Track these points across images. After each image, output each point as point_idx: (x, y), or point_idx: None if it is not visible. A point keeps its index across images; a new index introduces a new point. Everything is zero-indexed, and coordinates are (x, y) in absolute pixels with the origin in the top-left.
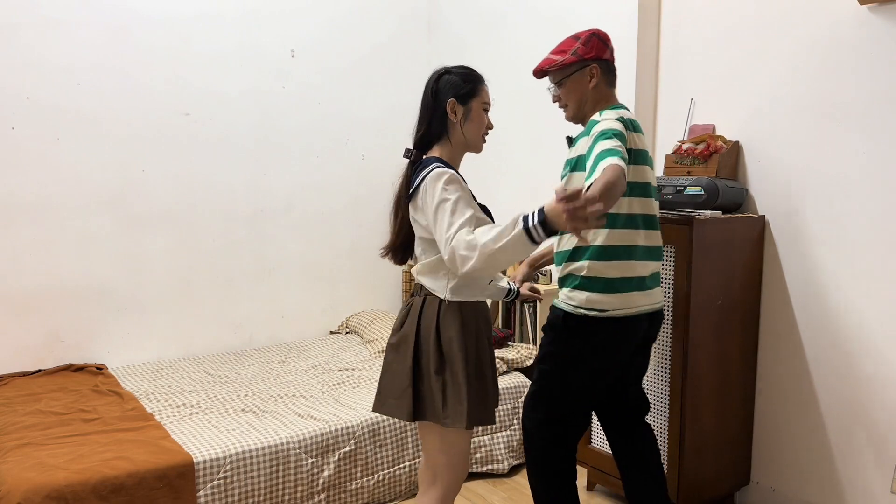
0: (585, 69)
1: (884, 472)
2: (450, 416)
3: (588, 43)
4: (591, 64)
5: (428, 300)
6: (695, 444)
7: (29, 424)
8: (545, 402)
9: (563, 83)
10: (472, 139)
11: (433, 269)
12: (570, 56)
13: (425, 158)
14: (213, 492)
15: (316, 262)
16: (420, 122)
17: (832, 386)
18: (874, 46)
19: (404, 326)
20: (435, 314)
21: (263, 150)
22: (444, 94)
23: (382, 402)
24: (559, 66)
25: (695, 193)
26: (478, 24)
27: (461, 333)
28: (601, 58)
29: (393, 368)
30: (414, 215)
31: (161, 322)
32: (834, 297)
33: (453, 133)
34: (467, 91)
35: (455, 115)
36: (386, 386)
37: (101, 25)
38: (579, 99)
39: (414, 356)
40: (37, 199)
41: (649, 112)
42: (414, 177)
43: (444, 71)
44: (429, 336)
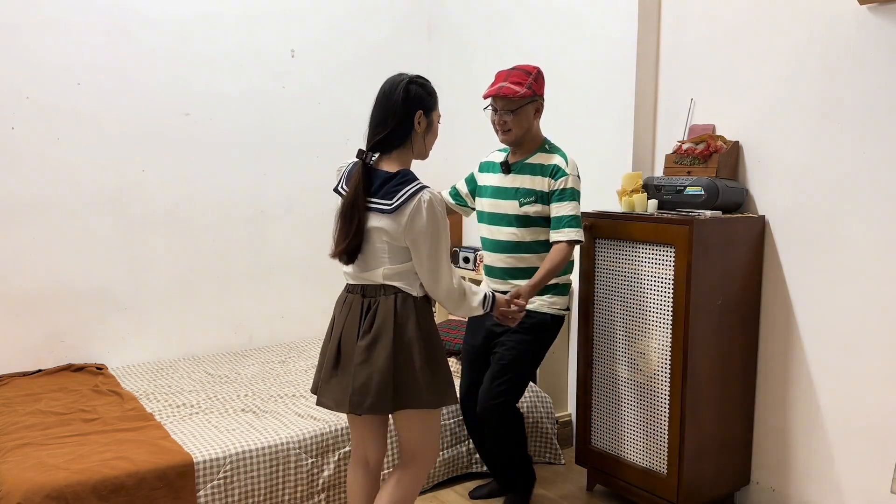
0: (534, 102)
1: (884, 472)
2: (438, 398)
3: (538, 79)
4: (538, 99)
5: (400, 297)
6: (695, 444)
7: (29, 424)
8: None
9: (516, 112)
10: (428, 149)
11: (405, 274)
12: (526, 90)
13: (403, 171)
14: (213, 492)
15: (316, 263)
16: (380, 126)
17: (832, 386)
18: (874, 46)
19: (376, 325)
20: (412, 309)
21: (263, 150)
22: (413, 104)
23: (360, 402)
24: (519, 97)
25: (695, 193)
26: (478, 24)
27: (433, 324)
28: (542, 94)
29: (367, 369)
30: (387, 228)
31: (161, 322)
32: (834, 297)
33: (415, 142)
34: (431, 104)
35: (420, 126)
36: (361, 387)
37: (101, 25)
38: (525, 127)
39: (393, 350)
40: (37, 199)
41: (649, 112)
42: (392, 187)
43: (408, 80)
44: (410, 330)
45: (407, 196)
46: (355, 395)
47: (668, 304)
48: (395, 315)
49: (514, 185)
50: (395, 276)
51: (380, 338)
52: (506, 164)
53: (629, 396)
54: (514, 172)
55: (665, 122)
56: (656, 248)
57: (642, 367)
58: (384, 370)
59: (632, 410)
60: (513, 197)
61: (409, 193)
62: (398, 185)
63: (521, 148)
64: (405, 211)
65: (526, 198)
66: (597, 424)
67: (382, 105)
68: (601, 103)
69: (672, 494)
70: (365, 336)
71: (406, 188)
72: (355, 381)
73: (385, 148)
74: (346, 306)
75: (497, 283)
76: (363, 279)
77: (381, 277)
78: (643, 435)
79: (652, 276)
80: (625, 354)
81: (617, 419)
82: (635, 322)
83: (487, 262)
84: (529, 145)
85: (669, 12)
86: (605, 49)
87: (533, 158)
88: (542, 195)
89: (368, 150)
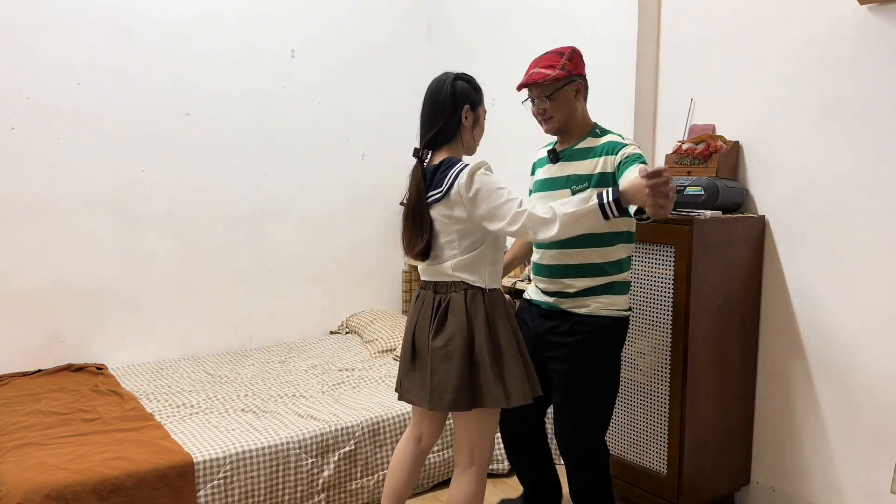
0: (573, 83)
1: (884, 472)
2: (512, 395)
3: (573, 58)
4: (576, 79)
5: (470, 294)
6: (695, 444)
7: (29, 424)
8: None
9: (553, 96)
10: (476, 143)
11: (473, 264)
12: (560, 71)
13: (446, 158)
14: (213, 492)
15: (316, 262)
16: (431, 123)
17: (832, 386)
18: (874, 46)
19: (449, 322)
20: (482, 306)
21: (263, 150)
22: (460, 99)
23: (439, 400)
24: (552, 80)
25: (695, 193)
26: (478, 24)
27: (508, 321)
28: (582, 73)
29: (445, 366)
30: (446, 212)
31: (161, 322)
32: (834, 297)
33: (464, 136)
34: (478, 99)
35: (467, 120)
36: (440, 384)
37: (101, 25)
38: (567, 112)
39: (467, 348)
40: (37, 199)
41: (649, 112)
42: (440, 175)
43: (454, 77)
44: (482, 328)
45: (454, 177)
46: (434, 392)
47: (668, 304)
48: (466, 312)
49: (565, 174)
50: (464, 266)
51: (454, 336)
52: (554, 153)
53: (629, 396)
54: (564, 160)
55: (665, 122)
56: (656, 248)
57: (642, 367)
58: (460, 369)
59: (631, 410)
60: (563, 186)
61: (455, 174)
62: (444, 172)
63: (570, 135)
64: (455, 188)
65: (578, 184)
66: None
67: (431, 103)
68: (601, 103)
69: (672, 494)
70: (438, 334)
71: (451, 171)
72: (433, 379)
73: (436, 144)
74: (418, 302)
75: (545, 282)
76: (434, 275)
77: (451, 269)
78: (643, 435)
79: (652, 276)
80: (625, 354)
81: (617, 419)
82: (635, 322)
83: (535, 260)
84: (578, 131)
85: (669, 12)
86: (605, 49)
87: (583, 143)
88: (602, 177)
89: (423, 147)
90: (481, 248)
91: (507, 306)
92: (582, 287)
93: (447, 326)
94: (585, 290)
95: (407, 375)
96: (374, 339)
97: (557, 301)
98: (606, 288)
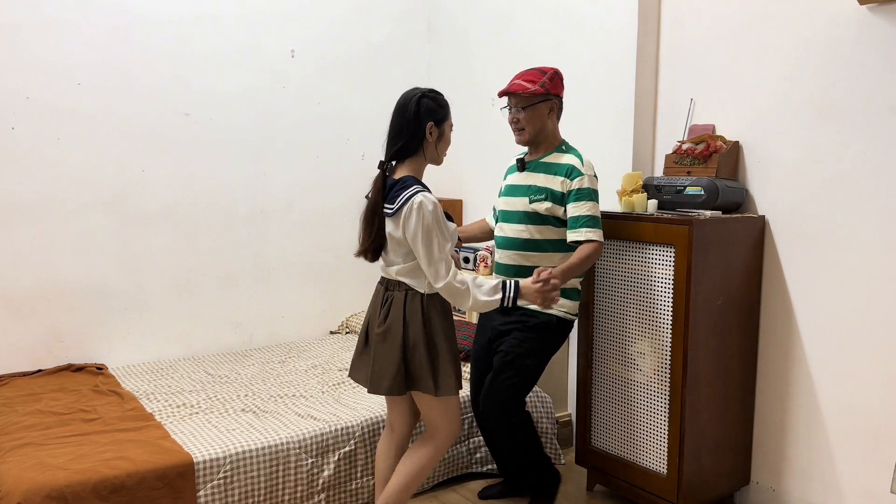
0: (548, 102)
1: (884, 472)
2: (441, 387)
3: (553, 79)
4: (552, 98)
5: (409, 294)
6: (694, 444)
7: (29, 424)
8: (523, 394)
9: (527, 109)
10: (440, 156)
11: (414, 271)
12: (539, 87)
13: (404, 177)
14: (213, 492)
15: (316, 262)
16: (396, 138)
17: (832, 386)
18: (874, 46)
19: (389, 317)
20: (419, 305)
21: (263, 150)
22: (424, 117)
23: (378, 383)
24: (530, 93)
25: (695, 193)
26: (478, 24)
27: (443, 319)
28: (559, 95)
29: (382, 355)
30: (392, 230)
31: (161, 322)
32: (834, 297)
33: (427, 151)
34: (442, 116)
35: (431, 136)
36: (379, 371)
37: (101, 25)
38: (537, 126)
39: (402, 341)
40: (37, 199)
41: (649, 112)
42: (395, 192)
43: (421, 94)
44: (417, 323)
45: (403, 200)
46: (374, 376)
47: (668, 304)
48: (404, 310)
49: (527, 183)
50: (405, 273)
51: (391, 329)
52: (521, 162)
53: (629, 396)
54: (529, 170)
55: (665, 122)
56: (656, 248)
57: (642, 367)
58: (395, 359)
59: (632, 410)
60: (524, 194)
61: (406, 198)
62: (399, 191)
63: (538, 148)
64: (401, 213)
65: (537, 195)
66: (597, 424)
67: (397, 119)
68: (601, 103)
69: (672, 494)
70: (381, 325)
71: (404, 193)
72: (374, 364)
73: (400, 157)
74: (375, 295)
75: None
76: (386, 272)
77: (395, 274)
78: (643, 435)
79: (652, 276)
80: (625, 354)
81: (617, 419)
82: (635, 322)
83: (497, 259)
84: (546, 145)
85: (669, 12)
86: (605, 49)
87: (549, 157)
88: (557, 195)
89: (387, 160)
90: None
91: (446, 308)
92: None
93: (388, 320)
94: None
95: (359, 357)
96: None
97: None
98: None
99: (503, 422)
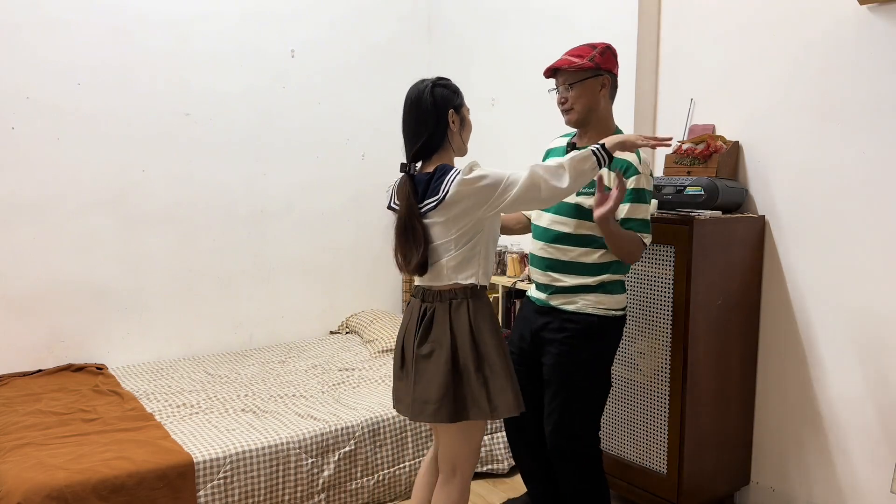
0: (599, 77)
1: (884, 472)
2: (497, 407)
3: (604, 54)
4: (604, 74)
5: (454, 305)
6: (695, 444)
7: (29, 424)
8: (581, 419)
9: (574, 86)
10: (466, 143)
11: (468, 259)
12: (588, 62)
13: (440, 167)
14: (213, 492)
15: (316, 262)
16: (416, 135)
17: (832, 386)
18: (874, 46)
19: (433, 333)
20: (466, 316)
21: (263, 150)
22: (442, 106)
23: (421, 409)
24: (577, 68)
25: (695, 193)
26: (478, 25)
27: (493, 330)
28: (612, 71)
29: (427, 376)
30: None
31: (161, 322)
32: (834, 297)
33: (454, 141)
34: (459, 101)
35: (455, 124)
36: (422, 393)
37: (101, 25)
38: (587, 105)
39: (451, 359)
40: (37, 199)
41: (649, 112)
42: (435, 182)
43: (431, 84)
44: (465, 338)
45: (450, 182)
46: (416, 403)
47: (668, 303)
48: (450, 321)
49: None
50: (459, 265)
51: (439, 346)
52: (572, 146)
53: (629, 396)
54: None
55: (665, 122)
56: (656, 248)
57: (642, 367)
58: (443, 378)
59: (631, 410)
60: None
61: (451, 178)
62: (439, 180)
63: (589, 132)
64: (453, 191)
65: (587, 187)
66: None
67: (413, 114)
68: None
69: (672, 494)
70: (422, 344)
71: (446, 178)
72: (416, 389)
73: (425, 154)
74: (408, 310)
75: (537, 274)
76: (427, 281)
77: (446, 269)
78: (643, 435)
79: (652, 276)
80: (625, 354)
81: (617, 419)
82: (635, 322)
83: (531, 251)
84: (598, 130)
85: (669, 12)
86: None
87: None
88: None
89: (410, 161)
90: (476, 241)
91: (493, 314)
92: (571, 284)
93: (431, 336)
94: (574, 287)
95: (397, 385)
96: (374, 339)
97: (548, 298)
98: (596, 286)
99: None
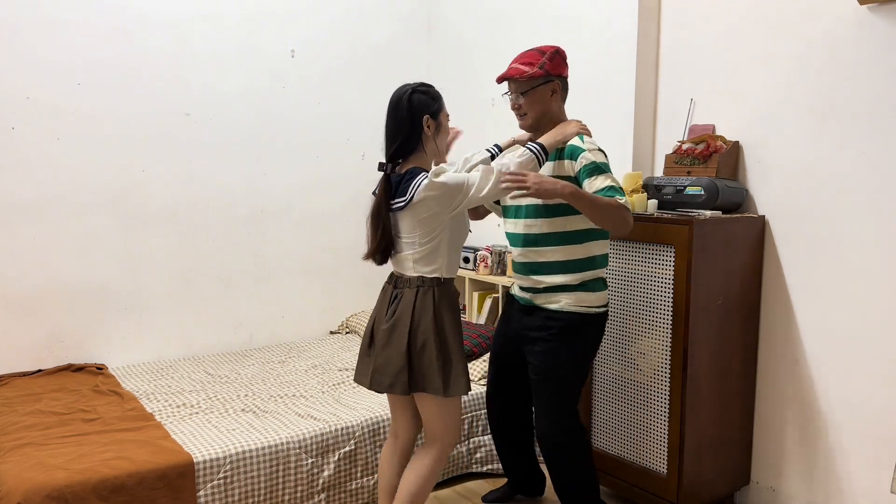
0: (549, 84)
1: (884, 472)
2: (451, 387)
3: (553, 59)
4: (554, 79)
5: (420, 292)
6: (694, 444)
7: (29, 424)
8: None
9: (527, 94)
10: (442, 148)
11: (430, 255)
12: (538, 69)
13: (410, 169)
14: (213, 492)
15: (316, 262)
16: (393, 138)
17: (832, 386)
18: (874, 46)
19: (397, 312)
20: (432, 302)
21: (263, 150)
22: (417, 111)
23: (380, 380)
24: (528, 77)
25: (695, 193)
26: (478, 24)
27: (454, 318)
28: (562, 75)
29: (387, 350)
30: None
31: (161, 322)
32: (834, 297)
33: (427, 145)
34: (437, 107)
35: (430, 129)
36: (382, 367)
37: (101, 25)
38: (540, 111)
39: (410, 336)
40: (37, 199)
41: (649, 112)
42: (403, 184)
43: (410, 90)
44: (428, 319)
45: (417, 185)
46: (375, 373)
47: (668, 304)
48: (414, 307)
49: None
50: (423, 258)
51: (398, 323)
52: None
53: (629, 396)
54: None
55: (665, 122)
56: (656, 248)
57: (642, 367)
58: (401, 355)
59: (631, 410)
60: None
61: (418, 182)
62: (407, 182)
63: (542, 133)
64: (419, 196)
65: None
66: (597, 424)
67: (392, 117)
68: (601, 103)
69: (672, 494)
70: (388, 321)
71: (414, 181)
72: (376, 361)
73: (401, 156)
74: (382, 293)
75: (521, 279)
76: (397, 266)
77: (412, 261)
78: (643, 435)
79: (652, 276)
80: (625, 354)
81: (617, 419)
82: (635, 322)
83: (513, 258)
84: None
85: (669, 12)
86: (606, 49)
87: None
88: (569, 180)
89: (388, 161)
90: (439, 238)
91: (457, 305)
92: (552, 283)
93: (395, 316)
94: (556, 287)
95: (362, 360)
96: None
97: (532, 297)
98: (577, 285)
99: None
